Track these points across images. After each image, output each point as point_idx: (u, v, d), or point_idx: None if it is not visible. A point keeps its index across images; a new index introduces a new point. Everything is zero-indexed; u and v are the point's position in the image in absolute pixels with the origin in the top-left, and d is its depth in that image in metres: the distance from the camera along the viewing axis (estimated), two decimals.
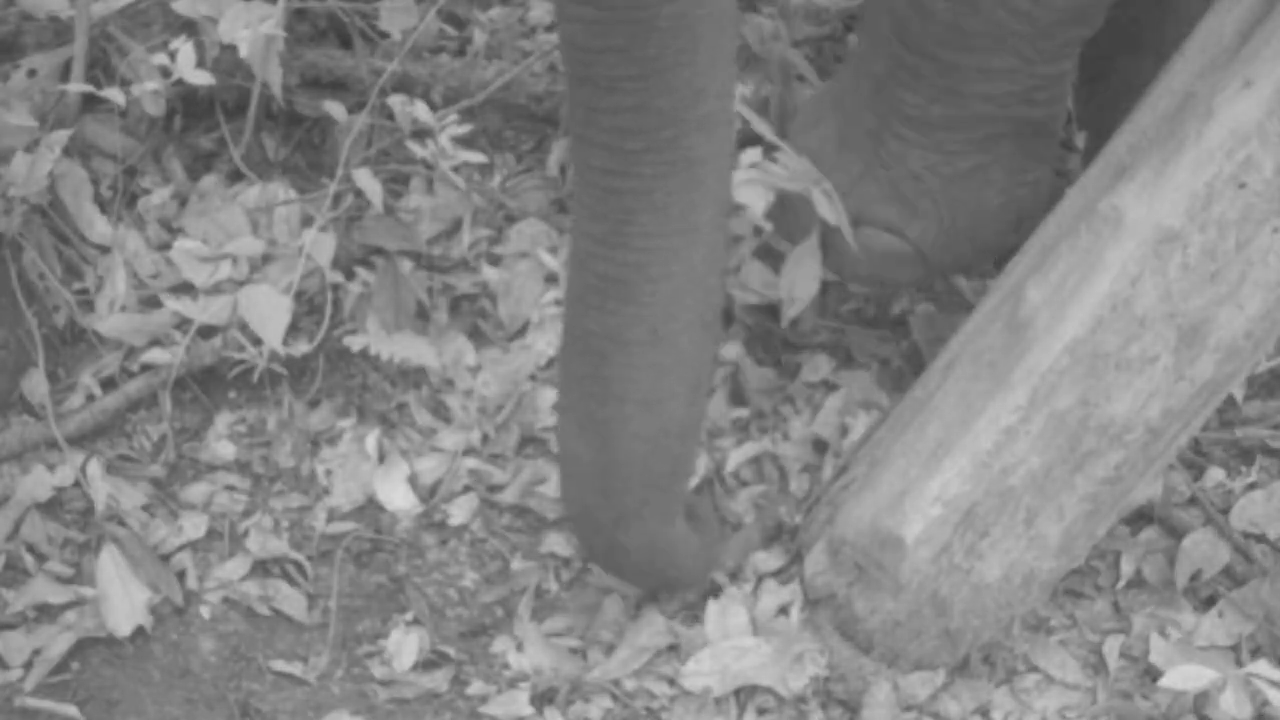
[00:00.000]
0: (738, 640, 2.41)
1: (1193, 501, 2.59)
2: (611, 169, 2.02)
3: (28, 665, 2.39)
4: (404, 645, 2.44)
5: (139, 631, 2.42)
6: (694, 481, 2.46)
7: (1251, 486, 2.63)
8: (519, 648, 2.45)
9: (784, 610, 2.43)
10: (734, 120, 2.08)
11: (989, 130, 2.44)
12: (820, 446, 2.59)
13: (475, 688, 2.41)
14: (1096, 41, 2.76)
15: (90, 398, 2.61)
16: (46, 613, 2.44)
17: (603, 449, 2.17)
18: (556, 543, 2.53)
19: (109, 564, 2.44)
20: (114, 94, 2.59)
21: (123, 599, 2.42)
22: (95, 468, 2.54)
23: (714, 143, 2.03)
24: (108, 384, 2.63)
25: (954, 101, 2.41)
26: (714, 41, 1.96)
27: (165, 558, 2.50)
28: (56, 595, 2.45)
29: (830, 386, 2.65)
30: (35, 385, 2.61)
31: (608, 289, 2.08)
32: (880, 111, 2.46)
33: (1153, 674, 2.42)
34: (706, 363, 2.18)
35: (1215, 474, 2.63)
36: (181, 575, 2.50)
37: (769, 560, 2.48)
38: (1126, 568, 2.53)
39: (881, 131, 2.47)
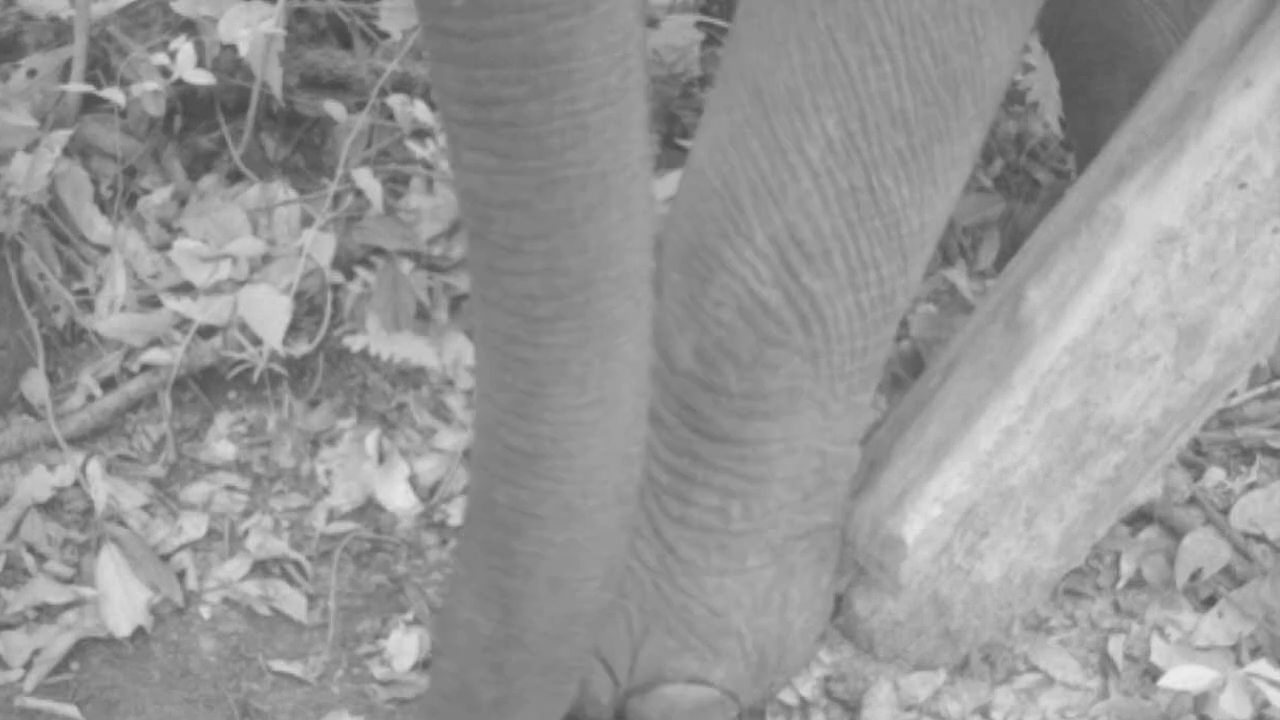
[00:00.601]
0: None
1: (1193, 501, 2.59)
2: (518, 337, 1.80)
3: (28, 665, 2.39)
4: (404, 645, 2.44)
5: (139, 631, 2.43)
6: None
7: (1251, 486, 2.63)
8: None
9: None
10: (650, 277, 1.84)
11: (787, 531, 2.24)
12: None
13: None
14: (1072, 60, 2.77)
15: (90, 398, 2.61)
16: (46, 613, 2.44)
17: (503, 623, 1.95)
18: None
19: (109, 564, 2.44)
20: (114, 94, 2.59)
21: (123, 599, 2.42)
22: (95, 468, 2.54)
23: (632, 304, 1.81)
24: (108, 384, 2.63)
25: (756, 495, 2.21)
26: (627, 192, 1.74)
27: (165, 558, 2.50)
28: (56, 595, 2.45)
29: None
30: (35, 385, 2.61)
31: (518, 462, 1.86)
32: (664, 537, 2.24)
33: (1153, 674, 2.42)
34: (623, 541, 1.98)
35: (1215, 474, 2.63)
36: (181, 575, 2.50)
37: None
38: (1127, 567, 2.53)
39: (667, 562, 2.25)
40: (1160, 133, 2.25)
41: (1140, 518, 2.56)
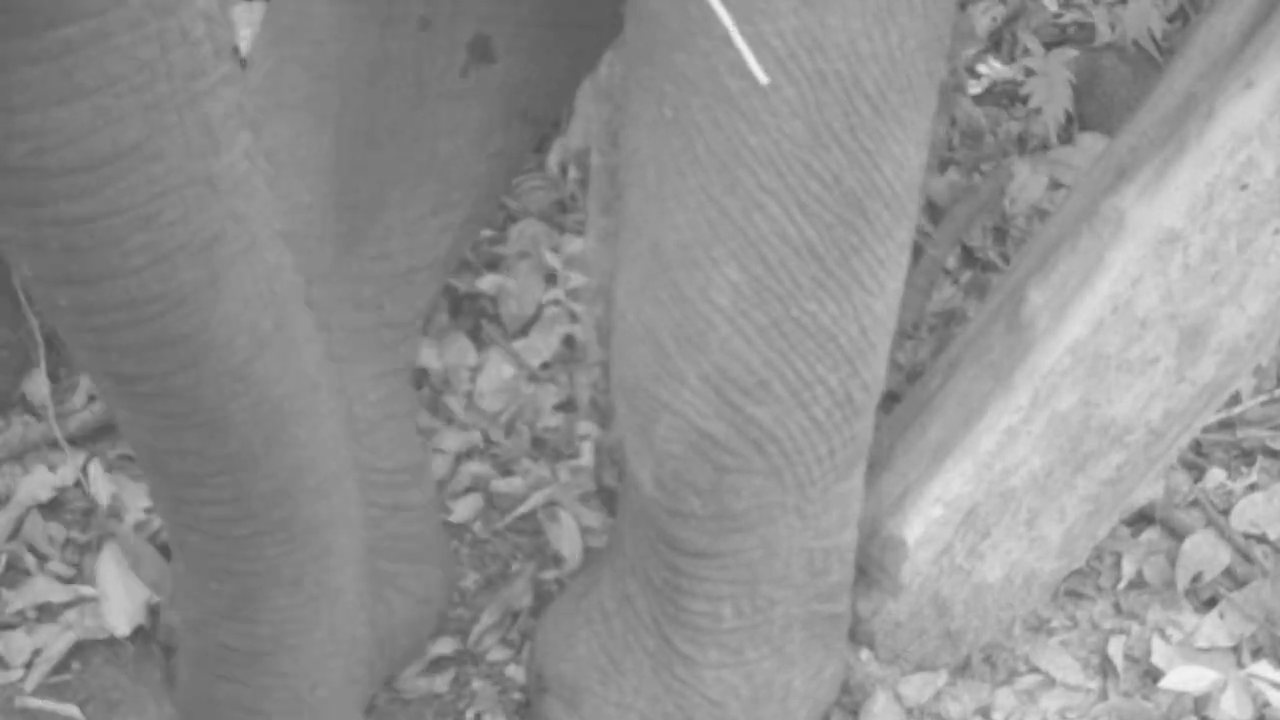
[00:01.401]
0: None
1: (1194, 503, 2.59)
2: (220, 553, 1.69)
3: (28, 665, 2.39)
4: None
5: (139, 631, 2.42)
6: None
7: (1252, 488, 2.63)
8: (519, 650, 2.44)
9: None
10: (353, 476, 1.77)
11: (783, 622, 2.22)
12: None
13: (477, 689, 2.41)
14: None
15: (91, 398, 2.61)
16: (47, 612, 2.44)
17: None
18: (559, 544, 2.53)
19: (110, 563, 2.44)
20: None
21: (123, 599, 2.42)
22: (97, 468, 2.54)
23: (339, 500, 1.71)
24: None
25: (746, 595, 2.18)
26: (310, 408, 1.64)
27: (167, 554, 2.50)
28: (57, 595, 2.45)
29: None
30: (36, 385, 2.61)
31: (237, 660, 1.77)
32: (661, 629, 2.21)
33: (1154, 675, 2.42)
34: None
35: (1216, 475, 2.63)
36: None
37: None
38: (1128, 569, 2.52)
39: (664, 651, 2.22)
40: (1161, 133, 2.25)
41: (1141, 519, 2.56)
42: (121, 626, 2.41)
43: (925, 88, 1.96)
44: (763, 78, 1.81)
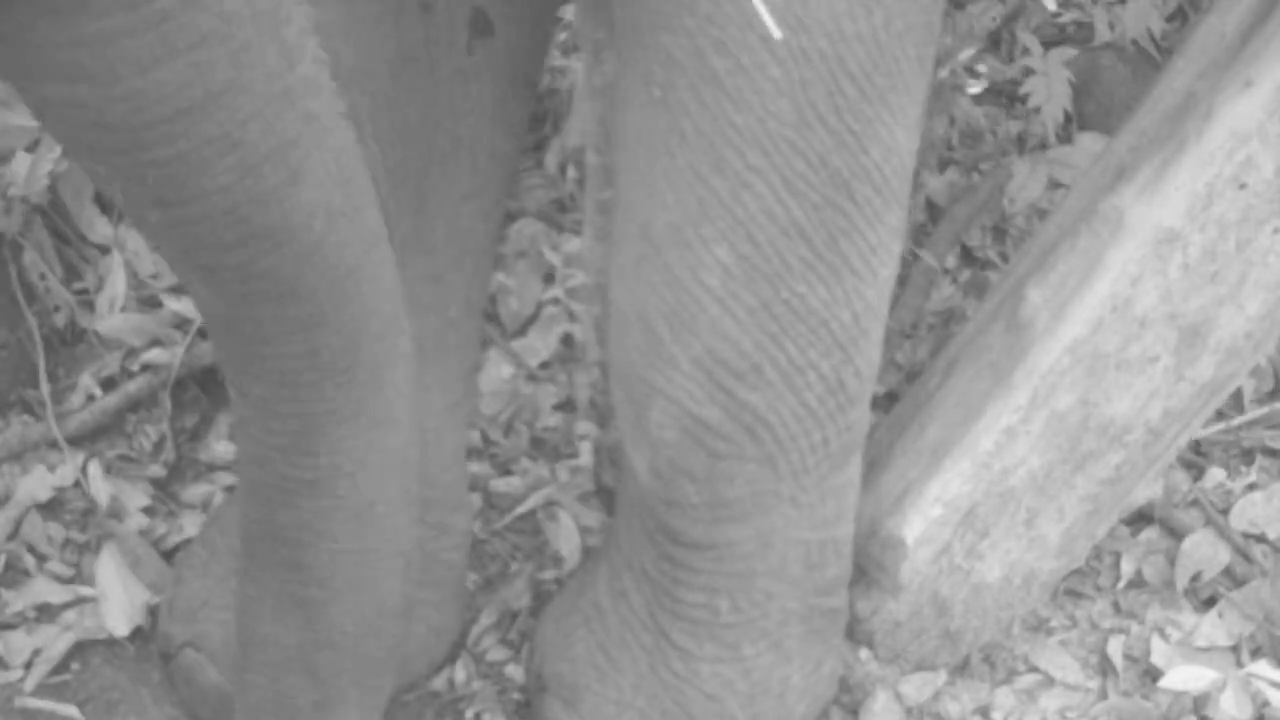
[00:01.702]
0: None
1: (1193, 503, 2.59)
2: (285, 397, 1.77)
3: (28, 665, 2.39)
4: None
5: (138, 632, 2.42)
6: None
7: (1251, 487, 2.63)
8: (517, 649, 2.44)
9: None
10: (406, 320, 1.82)
11: (780, 617, 2.22)
12: None
13: (476, 689, 2.41)
14: None
15: (90, 398, 2.61)
16: (46, 613, 2.44)
17: (307, 630, 1.94)
18: (558, 544, 2.53)
19: (109, 563, 2.44)
20: None
21: (122, 599, 2.42)
22: (96, 468, 2.54)
23: (396, 345, 1.80)
24: (108, 384, 2.62)
25: (742, 589, 2.18)
26: (377, 272, 1.72)
27: (166, 555, 2.50)
28: (56, 595, 2.45)
29: None
30: (35, 385, 2.61)
31: (298, 489, 1.84)
32: (658, 623, 2.21)
33: (1153, 674, 2.42)
34: (413, 535, 1.98)
35: (1215, 474, 2.63)
36: None
37: None
38: (1127, 568, 2.53)
39: (662, 646, 2.22)
40: (1160, 133, 2.25)
41: (1140, 519, 2.56)
42: (120, 627, 2.41)
43: (914, 73, 1.96)
44: (776, 32, 1.81)
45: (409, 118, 2.12)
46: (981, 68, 3.15)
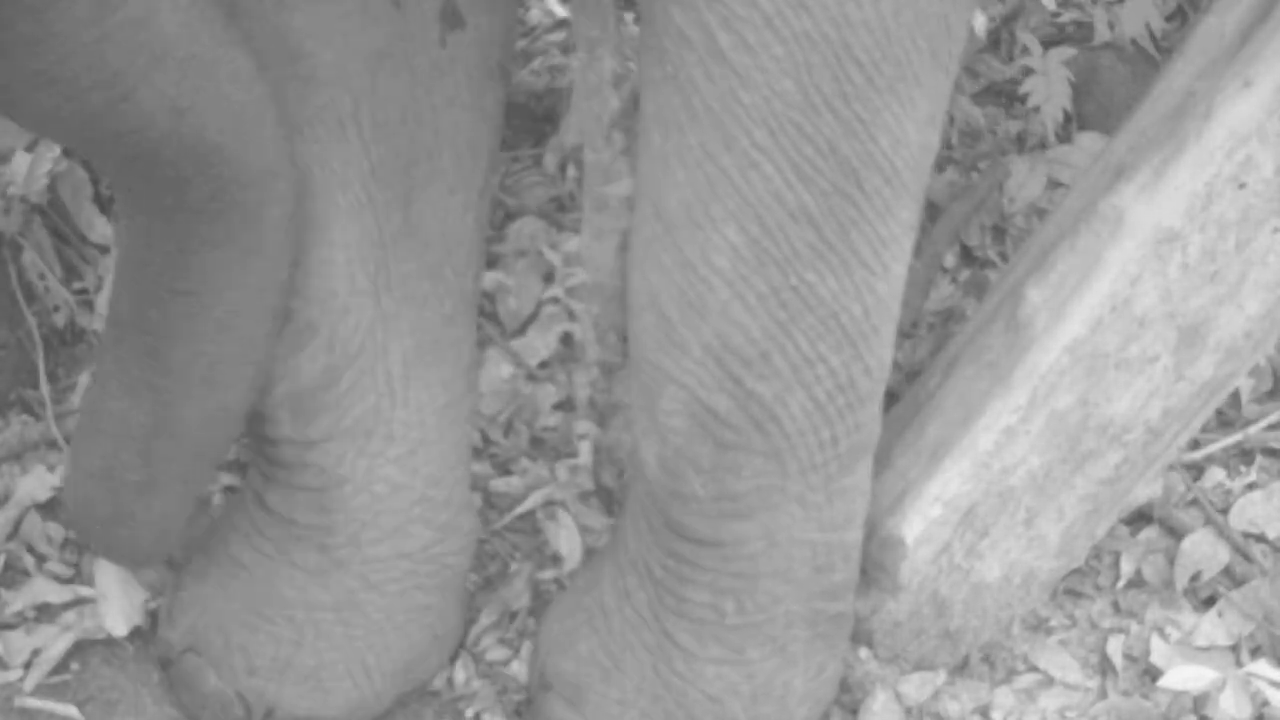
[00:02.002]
0: None
1: (1193, 503, 2.59)
2: (159, 228, 2.00)
3: (27, 665, 2.39)
4: None
5: (137, 632, 2.42)
6: None
7: (1251, 487, 2.63)
8: (517, 649, 2.44)
9: None
10: (288, 165, 2.02)
11: (785, 620, 2.22)
12: None
13: (476, 689, 2.41)
14: None
15: None
16: (46, 613, 2.44)
17: (154, 414, 2.09)
18: (558, 544, 2.53)
19: (108, 564, 2.43)
20: None
21: (121, 599, 2.42)
22: None
23: (271, 189, 2.01)
24: None
25: (748, 590, 2.18)
26: (249, 135, 1.96)
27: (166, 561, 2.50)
28: (56, 595, 2.44)
29: None
30: (35, 385, 2.60)
31: (171, 295, 2.03)
32: (662, 623, 2.22)
33: (1153, 674, 2.42)
34: (266, 356, 2.14)
35: (1215, 474, 2.63)
36: None
37: None
38: (1126, 568, 2.53)
39: (665, 647, 2.23)
40: (1160, 132, 2.25)
41: (1140, 518, 2.56)
42: (119, 627, 2.41)
43: (926, 67, 1.95)
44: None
45: (389, 114, 2.13)
46: (980, 67, 3.15)
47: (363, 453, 2.23)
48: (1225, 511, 2.58)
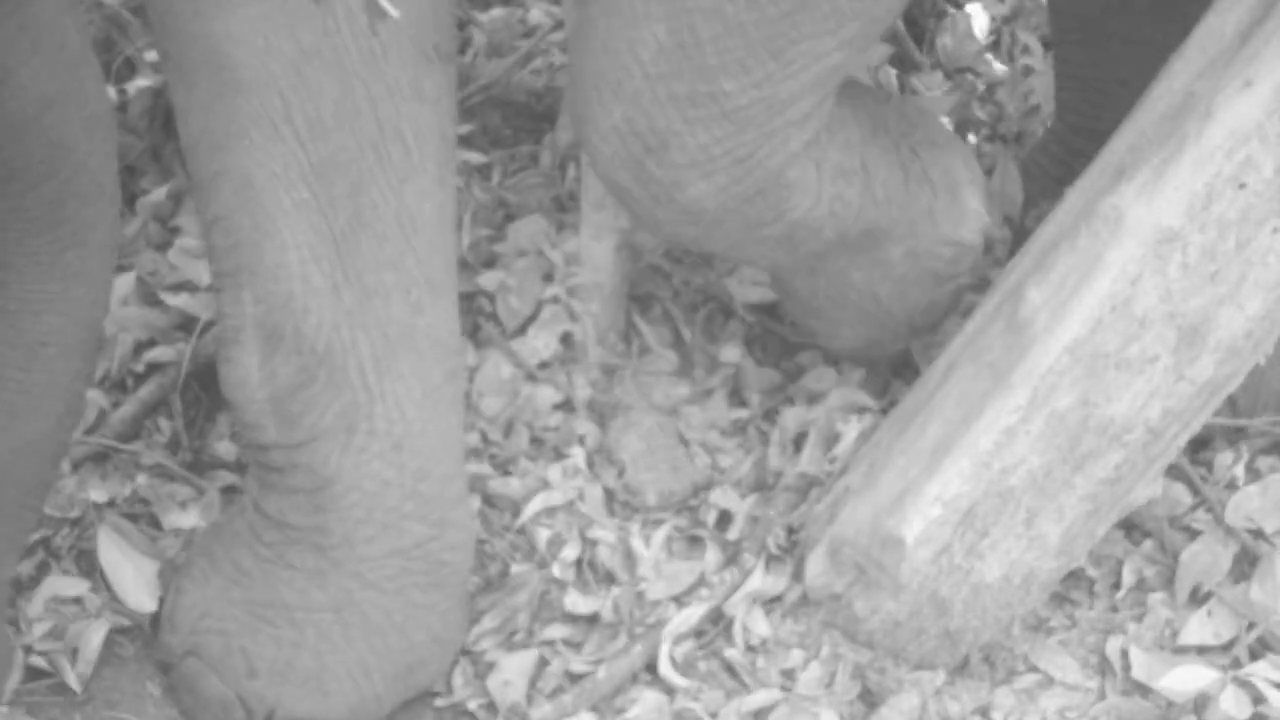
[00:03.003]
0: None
1: (1197, 501, 2.57)
2: None
3: (73, 662, 2.37)
4: None
5: (138, 631, 2.41)
6: None
7: (1249, 482, 2.62)
8: (517, 651, 2.45)
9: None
10: (117, 189, 2.08)
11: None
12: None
13: (477, 690, 2.41)
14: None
15: (100, 410, 2.59)
16: (71, 607, 2.42)
17: None
18: (558, 544, 2.53)
19: (111, 546, 2.42)
20: (111, 91, 2.59)
21: (134, 575, 2.41)
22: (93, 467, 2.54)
23: (102, 210, 2.04)
24: (115, 385, 2.62)
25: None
26: (88, 149, 1.98)
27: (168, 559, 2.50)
28: (72, 589, 2.43)
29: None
30: None
31: None
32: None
33: (1152, 674, 2.42)
34: (80, 391, 2.13)
35: (1224, 458, 2.61)
36: None
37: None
38: (1127, 568, 2.53)
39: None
40: (1160, 132, 2.25)
41: (1137, 528, 2.56)
42: (144, 603, 2.39)
43: None
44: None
45: (323, 111, 2.14)
46: (982, 67, 3.16)
47: (347, 449, 2.24)
48: (1223, 505, 2.57)
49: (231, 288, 2.20)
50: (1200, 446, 2.62)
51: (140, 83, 2.60)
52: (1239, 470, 2.60)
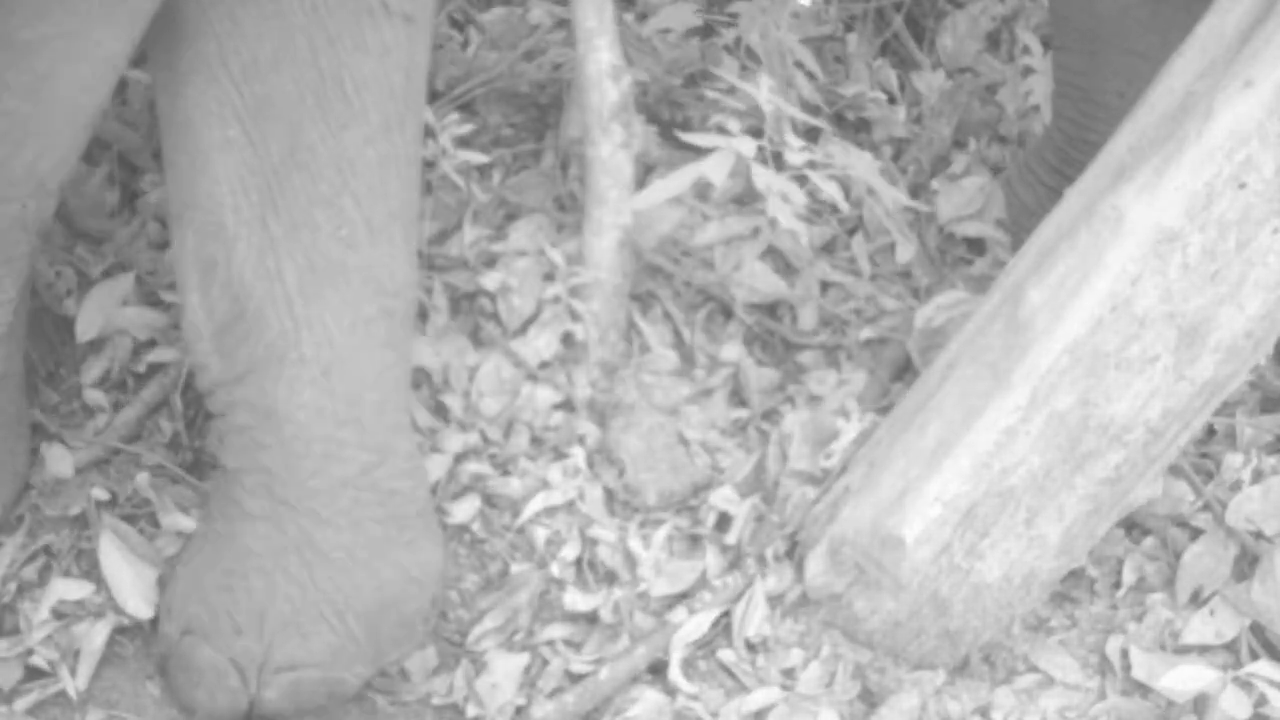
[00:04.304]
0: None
1: (1199, 502, 2.58)
2: None
3: (73, 666, 2.37)
4: None
5: (138, 631, 2.42)
6: None
7: (1251, 483, 2.62)
8: (508, 653, 2.45)
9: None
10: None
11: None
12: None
13: (476, 690, 2.41)
14: None
15: (99, 409, 2.59)
16: (75, 609, 2.42)
17: None
18: (558, 545, 2.54)
19: (112, 550, 2.43)
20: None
21: (134, 580, 2.41)
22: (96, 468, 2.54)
23: None
24: (114, 384, 2.62)
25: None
26: None
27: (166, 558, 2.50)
28: (75, 592, 2.43)
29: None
30: (36, 385, 2.60)
31: None
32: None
33: (1152, 674, 2.42)
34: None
35: (1232, 459, 2.61)
36: None
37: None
38: (1127, 568, 2.53)
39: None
40: (1160, 132, 2.26)
41: (1138, 526, 2.56)
42: (141, 609, 2.40)
43: None
44: None
45: (259, 55, 2.24)
46: (981, 67, 3.16)
47: (279, 379, 2.30)
48: (1224, 504, 2.57)
49: (177, 229, 2.32)
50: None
51: (137, 74, 2.60)
52: (1246, 474, 2.60)
